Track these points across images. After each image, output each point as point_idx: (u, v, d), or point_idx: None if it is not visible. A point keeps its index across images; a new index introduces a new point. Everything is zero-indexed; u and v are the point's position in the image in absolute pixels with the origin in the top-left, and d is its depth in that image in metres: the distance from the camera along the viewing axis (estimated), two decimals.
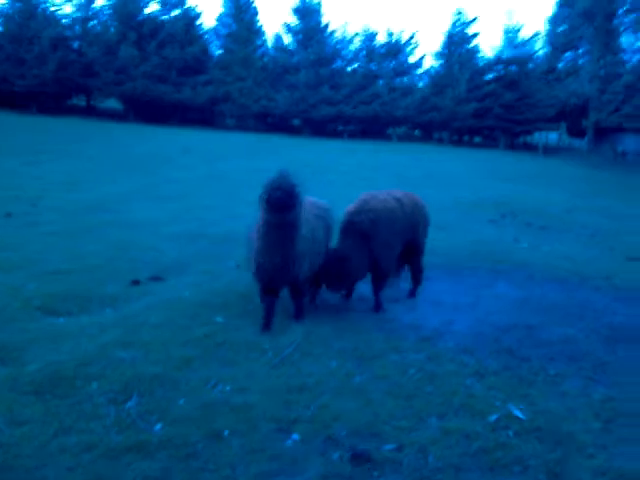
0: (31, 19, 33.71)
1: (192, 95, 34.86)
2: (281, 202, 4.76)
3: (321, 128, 37.24)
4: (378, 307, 6.04)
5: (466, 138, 40.58)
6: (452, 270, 7.75)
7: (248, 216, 7.53)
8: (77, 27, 36.87)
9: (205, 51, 37.94)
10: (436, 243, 9.14)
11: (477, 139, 41.03)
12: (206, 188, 13.76)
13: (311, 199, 5.90)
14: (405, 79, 39.91)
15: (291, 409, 3.96)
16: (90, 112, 35.99)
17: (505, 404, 4.16)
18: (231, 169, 17.71)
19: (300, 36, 38.18)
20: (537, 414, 4.03)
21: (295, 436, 3.66)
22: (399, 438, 3.68)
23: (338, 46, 39.07)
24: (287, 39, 39.16)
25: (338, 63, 39.13)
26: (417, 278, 6.64)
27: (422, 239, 6.60)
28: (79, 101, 37.89)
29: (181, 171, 16.67)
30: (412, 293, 6.61)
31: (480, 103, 35.84)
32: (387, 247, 5.95)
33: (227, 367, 4.56)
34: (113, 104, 37.13)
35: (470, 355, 4.96)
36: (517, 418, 3.98)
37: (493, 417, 3.98)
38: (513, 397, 4.27)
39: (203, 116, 36.74)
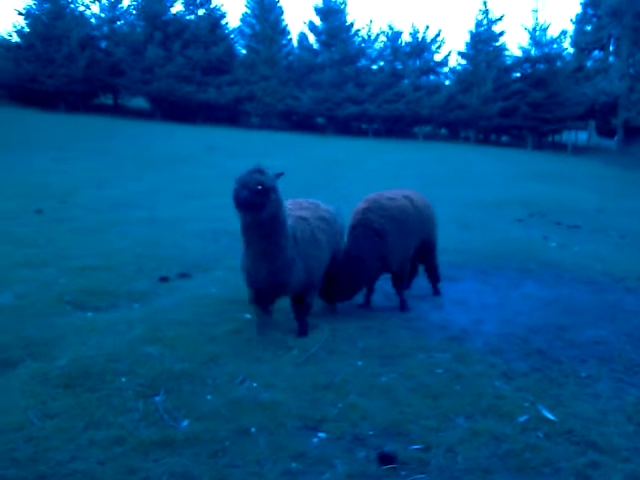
0: (59, 19, 34.24)
1: (217, 95, 35.09)
2: (248, 201, 4.34)
3: (345, 127, 37.21)
4: (403, 306, 5.99)
5: (493, 137, 40.16)
6: (479, 269, 7.67)
7: None
8: (104, 27, 37.38)
9: (230, 51, 38.13)
10: (463, 242, 9.06)
11: (504, 138, 40.57)
12: (230, 186, 13.78)
13: (315, 202, 5.65)
14: (431, 77, 39.65)
15: (317, 407, 3.94)
16: (117, 111, 36.45)
17: (535, 406, 4.08)
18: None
19: (324, 35, 38.15)
20: (568, 416, 3.95)
21: (321, 434, 3.64)
22: (426, 438, 3.64)
23: (363, 45, 38.97)
24: (312, 38, 39.17)
25: (363, 62, 39.03)
26: (435, 276, 6.57)
27: (434, 237, 6.50)
28: (106, 100, 38.40)
29: (205, 169, 16.80)
30: (436, 291, 6.56)
31: (507, 102, 35.42)
32: (401, 245, 5.81)
33: (254, 364, 4.56)
34: (140, 103, 37.54)
35: (498, 356, 4.89)
36: (547, 420, 3.91)
37: (522, 418, 3.92)
38: (543, 399, 4.19)
39: (228, 115, 36.96)
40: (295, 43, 39.63)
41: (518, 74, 37.96)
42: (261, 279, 4.75)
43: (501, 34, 38.04)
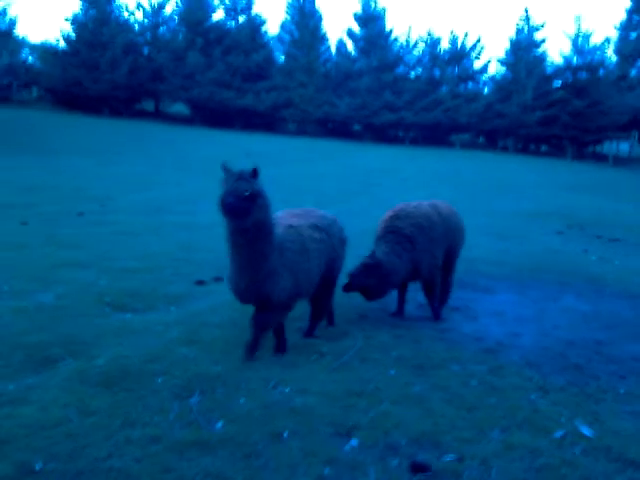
0: (104, 26, 35.15)
1: (255, 101, 35.48)
2: (234, 207, 4.15)
3: (382, 134, 37.14)
4: (437, 316, 5.95)
5: (532, 147, 39.51)
6: (516, 281, 7.55)
7: None
8: (147, 33, 38.22)
9: (269, 58, 38.52)
10: (500, 253, 8.95)
11: (544, 148, 39.87)
12: (271, 192, 13.89)
13: (311, 210, 5.43)
14: (469, 85, 39.30)
15: (350, 414, 3.94)
16: (158, 116, 37.18)
17: (571, 421, 4.00)
18: (291, 173, 17.90)
19: (362, 42, 38.20)
20: (606, 433, 3.86)
21: (354, 441, 3.64)
22: (460, 449, 3.60)
23: (401, 52, 38.88)
24: (350, 45, 39.28)
25: (401, 69, 38.93)
26: (448, 287, 6.33)
27: (459, 247, 6.39)
28: (148, 105, 39.21)
29: None
30: (435, 315, 6.07)
31: (547, 111, 34.84)
32: (429, 252, 5.79)
33: (287, 369, 4.59)
34: (180, 109, 38.23)
35: (535, 369, 4.81)
36: (584, 436, 3.82)
37: (559, 433, 3.84)
38: (580, 414, 4.10)
39: (266, 121, 37.31)
40: (333, 50, 39.81)
41: (559, 82, 37.31)
42: (243, 289, 4.54)
43: (542, 41, 37.49)
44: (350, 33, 38.87)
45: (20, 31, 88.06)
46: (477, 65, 38.98)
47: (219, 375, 4.37)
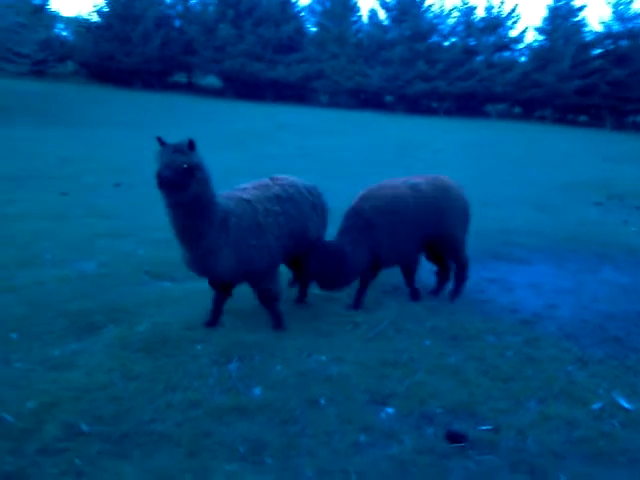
0: None
1: (286, 72, 35.22)
2: (171, 180, 3.93)
3: (415, 105, 36.54)
4: (414, 296, 5.54)
5: (570, 117, 38.39)
6: (553, 253, 7.42)
7: (339, 191, 7.59)
8: (179, 6, 38.09)
9: (300, 29, 38.06)
10: (537, 224, 8.81)
11: (582, 118, 38.71)
12: (299, 164, 13.91)
13: (280, 179, 5.09)
14: (505, 54, 38.21)
15: (385, 383, 3.98)
16: (191, 89, 37.27)
17: (609, 393, 3.96)
18: (324, 145, 17.81)
19: (395, 12, 37.38)
20: None
21: (389, 410, 3.68)
22: (496, 420, 3.61)
23: (435, 21, 37.94)
24: (382, 14, 38.50)
25: (434, 38, 38.02)
26: (457, 276, 5.74)
27: (454, 230, 5.57)
28: (180, 78, 39.30)
29: (275, 147, 16.97)
30: (453, 294, 5.71)
31: (585, 80, 33.69)
32: (393, 239, 5.19)
33: (322, 338, 4.65)
34: (212, 81, 38.23)
35: (573, 341, 4.76)
36: (623, 408, 3.79)
37: (596, 405, 3.81)
38: (618, 386, 4.06)
39: (297, 93, 37.06)
40: (365, 20, 39.09)
41: (598, 51, 35.95)
42: (190, 265, 4.44)
43: (581, 9, 36.07)
44: (382, 2, 38.04)
45: (54, 6, 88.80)
46: (513, 34, 37.83)
47: (256, 343, 4.45)
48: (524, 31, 38.16)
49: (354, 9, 38.40)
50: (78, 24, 36.61)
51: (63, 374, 3.89)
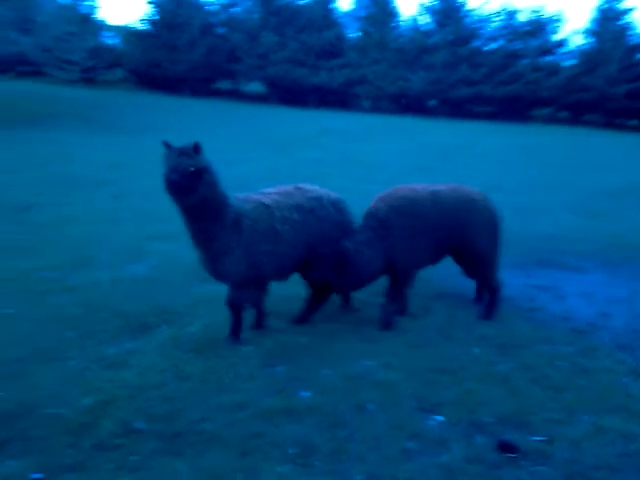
0: (181, 7, 35.83)
1: (328, 78, 35.37)
2: (178, 184, 3.93)
3: (457, 109, 36.12)
4: (387, 324, 4.95)
5: (618, 121, 37.30)
6: (605, 260, 7.21)
7: None
8: (222, 14, 38.70)
9: (341, 35, 38.16)
10: (588, 231, 8.60)
11: (632, 122, 37.57)
12: (341, 168, 13.94)
13: (308, 189, 4.95)
14: (550, 57, 37.45)
15: (434, 390, 3.95)
16: (235, 95, 37.78)
17: None
18: (366, 150, 17.78)
19: (437, 16, 37.13)
20: None
21: (439, 417, 3.65)
22: (549, 431, 3.54)
23: (477, 25, 37.51)
24: (424, 19, 38.28)
25: (477, 42, 37.59)
26: (489, 300, 5.33)
27: (477, 247, 5.17)
28: (225, 85, 39.88)
29: (318, 152, 17.03)
30: (487, 315, 5.26)
31: (633, 83, 32.70)
32: (408, 244, 4.93)
33: (369, 343, 4.65)
34: (256, 87, 38.68)
35: (628, 352, 4.63)
36: None
37: None
38: None
39: (339, 98, 37.15)
40: (407, 25, 38.92)
41: None
42: (203, 266, 4.43)
43: (629, 11, 35.09)
44: (425, 7, 37.86)
45: (102, 15, 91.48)
46: (558, 37, 37.04)
47: (304, 346, 4.50)
48: (570, 34, 37.42)
49: (395, 14, 38.31)
50: (127, 32, 37.60)
51: (118, 373, 4.00)
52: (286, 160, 14.96)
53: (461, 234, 5.09)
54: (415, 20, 38.35)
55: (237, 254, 4.29)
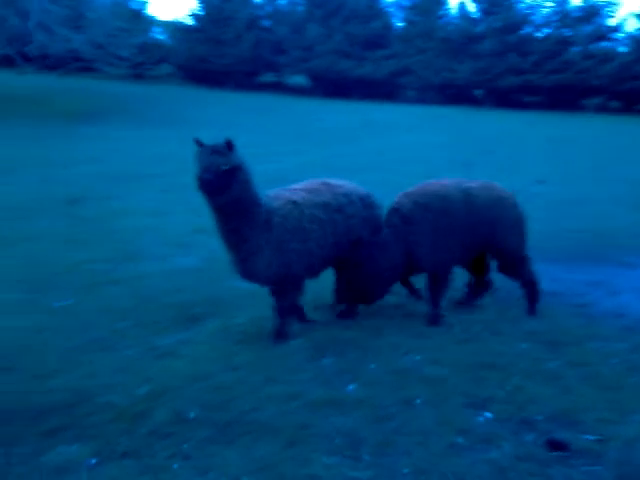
0: (227, 2, 36.17)
1: (373, 69, 35.14)
2: (211, 183, 3.85)
3: (505, 99, 35.35)
4: (434, 319, 4.92)
5: None
6: None
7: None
8: (268, 7, 38.89)
9: (387, 25, 37.84)
10: (638, 225, 8.35)
11: None
12: (383, 162, 13.87)
13: (336, 186, 4.79)
14: (603, 44, 36.17)
15: (482, 386, 3.91)
16: (279, 88, 37.99)
17: None
18: (410, 142, 17.63)
19: (485, 4, 36.34)
20: None
21: (487, 414, 3.62)
22: (601, 430, 3.46)
23: (527, 11, 36.54)
24: (472, 7, 37.55)
25: (527, 29, 36.63)
26: (529, 296, 5.22)
27: (508, 245, 5.07)
28: (269, 78, 40.15)
29: (360, 144, 16.99)
30: (529, 309, 5.22)
31: None
32: (434, 242, 4.79)
33: (415, 338, 4.63)
34: (300, 80, 38.79)
35: None
36: None
37: None
38: None
39: (384, 90, 36.88)
40: (454, 13, 38.26)
41: None
42: (234, 266, 4.37)
43: None
44: None
45: (151, 11, 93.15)
46: (612, 23, 35.70)
47: (350, 339, 4.52)
48: (624, 20, 36.04)
49: (442, 3, 37.70)
50: (174, 28, 38.25)
51: (170, 363, 4.12)
52: (328, 153, 14.99)
53: (491, 233, 4.99)
54: (462, 8, 37.67)
55: (267, 253, 4.22)
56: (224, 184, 3.89)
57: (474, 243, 4.99)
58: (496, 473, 3.10)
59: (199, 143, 4.01)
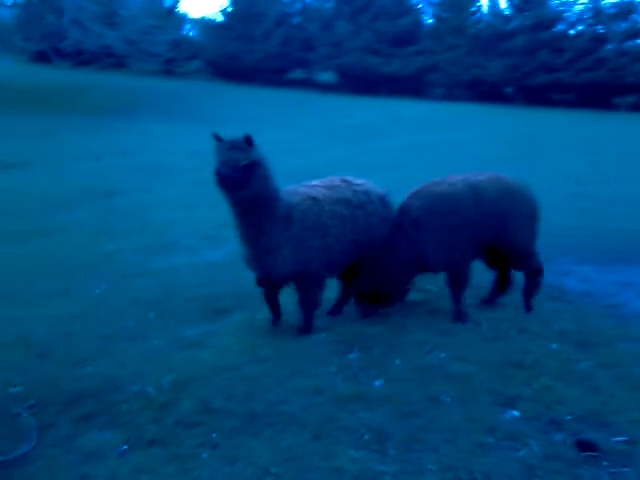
0: None
1: (401, 66, 34.94)
2: (230, 178, 3.80)
3: (535, 97, 34.80)
4: (459, 316, 4.87)
5: None
6: None
7: None
8: (297, 4, 38.94)
9: (416, 21, 37.57)
10: None
11: None
12: (411, 159, 13.77)
13: (355, 183, 4.76)
14: (639, 42, 35.35)
15: (510, 385, 3.88)
16: (307, 85, 38.02)
17: None
18: (438, 140, 17.47)
19: (517, 0, 35.84)
20: None
21: (515, 412, 3.58)
22: (632, 431, 3.40)
23: (560, 8, 35.91)
24: (503, 3, 37.09)
25: (559, 26, 35.99)
26: (530, 283, 5.14)
27: (518, 238, 4.97)
28: (297, 74, 40.20)
29: (388, 141, 16.90)
30: (526, 304, 5.15)
31: None
32: (442, 244, 4.72)
33: (441, 335, 4.60)
34: (328, 77, 38.76)
35: None
36: None
37: None
38: None
39: (412, 86, 36.63)
40: (485, 10, 37.80)
41: None
42: (248, 262, 4.31)
43: None
44: None
45: (183, 7, 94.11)
46: None
47: (376, 335, 4.52)
48: None
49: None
50: (205, 24, 38.53)
51: (197, 353, 4.17)
52: (356, 149, 14.95)
53: (502, 227, 4.88)
54: (494, 5, 37.22)
55: (285, 250, 4.17)
56: (242, 179, 3.84)
57: (485, 238, 4.91)
58: (524, 472, 3.07)
59: (218, 138, 3.97)
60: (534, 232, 5.06)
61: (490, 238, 4.92)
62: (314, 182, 4.67)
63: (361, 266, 4.74)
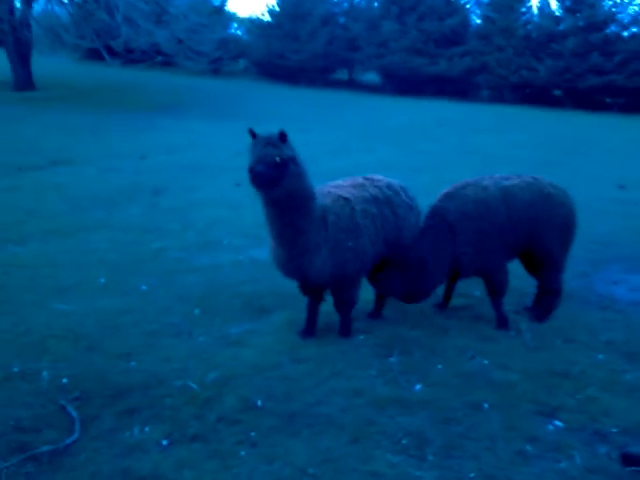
0: None
1: (447, 67, 34.52)
2: (263, 176, 3.70)
3: (585, 100, 33.89)
4: (502, 322, 4.81)
5: None
6: None
7: None
8: (344, 3, 38.95)
9: (464, 22, 37.07)
10: None
11: None
12: (457, 161, 13.59)
13: (376, 179, 4.69)
14: None
15: (553, 394, 3.81)
16: (351, 85, 38.00)
17: None
18: (484, 143, 17.21)
19: (568, 1, 34.94)
20: None
21: (558, 423, 3.53)
22: None
23: (613, 9, 34.84)
24: (554, 4, 36.21)
25: (612, 28, 34.92)
26: (545, 301, 5.02)
27: (550, 246, 4.84)
28: (341, 75, 40.21)
29: (434, 143, 16.74)
30: (538, 317, 4.97)
31: None
32: (476, 248, 4.62)
33: (484, 341, 4.55)
34: (371, 77, 38.65)
35: None
36: None
37: None
38: None
39: (458, 88, 36.17)
40: (535, 11, 37.00)
41: None
42: (282, 264, 4.21)
43: None
44: None
45: (230, 7, 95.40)
46: None
47: (416, 338, 4.50)
48: None
49: (523, 0, 36.56)
50: (251, 24, 38.92)
51: (239, 351, 4.24)
52: (401, 151, 14.87)
53: (534, 233, 4.78)
54: (544, 6, 36.42)
55: (323, 252, 4.09)
56: (277, 176, 3.75)
57: (517, 243, 4.80)
58: None
59: (252, 134, 3.90)
60: (567, 243, 4.92)
61: (522, 244, 4.83)
62: (338, 182, 4.63)
63: (390, 266, 4.68)
